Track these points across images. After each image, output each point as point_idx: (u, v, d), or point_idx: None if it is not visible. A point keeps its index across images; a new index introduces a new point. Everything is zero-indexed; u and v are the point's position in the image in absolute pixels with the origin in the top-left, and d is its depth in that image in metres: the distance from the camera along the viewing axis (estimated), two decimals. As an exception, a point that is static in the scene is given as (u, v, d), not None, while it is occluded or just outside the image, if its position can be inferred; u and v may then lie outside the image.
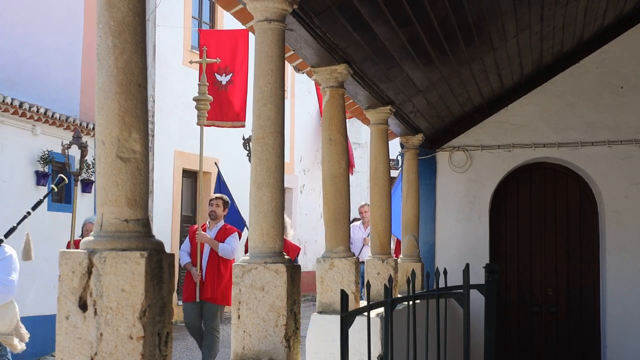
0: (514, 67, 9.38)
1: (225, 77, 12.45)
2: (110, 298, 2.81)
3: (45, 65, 15.04)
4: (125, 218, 2.93)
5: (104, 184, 2.95)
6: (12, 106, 12.28)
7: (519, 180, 10.84)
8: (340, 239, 6.25)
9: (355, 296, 6.22)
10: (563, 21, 8.51)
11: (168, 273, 2.96)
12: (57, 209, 13.82)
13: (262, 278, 4.44)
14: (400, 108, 8.33)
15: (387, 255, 7.80)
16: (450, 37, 7.15)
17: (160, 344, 2.90)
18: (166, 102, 16.82)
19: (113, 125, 2.96)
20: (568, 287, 10.62)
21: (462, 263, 5.89)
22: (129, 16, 2.99)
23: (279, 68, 4.62)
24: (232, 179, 18.57)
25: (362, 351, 5.17)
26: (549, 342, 10.61)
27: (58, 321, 2.87)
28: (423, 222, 10.21)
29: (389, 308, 4.67)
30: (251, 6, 4.61)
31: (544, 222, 10.74)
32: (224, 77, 12.45)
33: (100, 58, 3.00)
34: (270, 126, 4.57)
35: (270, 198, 4.53)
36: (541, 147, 10.44)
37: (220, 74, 12.45)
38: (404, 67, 7.34)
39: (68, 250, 2.88)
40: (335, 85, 6.22)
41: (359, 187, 23.90)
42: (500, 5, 6.94)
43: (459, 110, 10.04)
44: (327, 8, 5.36)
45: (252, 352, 4.44)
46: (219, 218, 11.32)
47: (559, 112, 10.40)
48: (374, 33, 6.16)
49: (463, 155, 10.66)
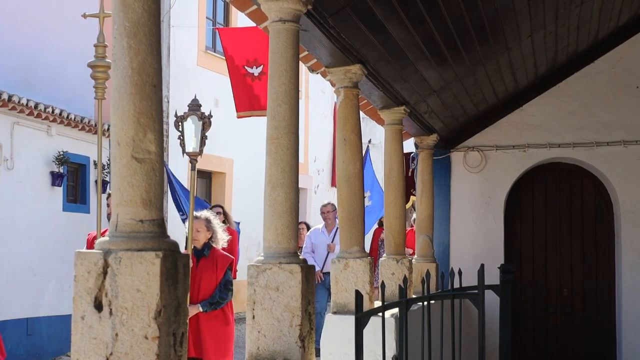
0: (529, 67, 9.35)
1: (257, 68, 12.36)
2: (125, 298, 2.82)
3: (60, 66, 15.08)
4: (141, 218, 2.93)
5: (119, 185, 2.96)
6: (27, 107, 12.32)
7: (534, 181, 10.80)
8: (355, 240, 6.25)
9: (370, 296, 6.21)
10: (578, 21, 8.48)
11: (183, 273, 2.96)
12: (72, 209, 13.87)
13: (277, 278, 4.44)
14: (414, 108, 8.32)
15: (402, 255, 7.79)
16: (465, 37, 7.13)
17: (176, 344, 2.91)
18: (181, 102, 16.83)
19: (128, 126, 2.96)
20: (583, 287, 10.58)
21: (477, 263, 5.87)
22: (143, 17, 3.00)
23: (293, 68, 4.63)
24: (246, 179, 18.62)
25: (377, 352, 5.17)
26: (564, 342, 10.57)
27: (74, 321, 2.88)
28: (437, 222, 10.20)
29: (404, 308, 4.66)
30: (265, 7, 4.62)
31: (559, 222, 10.70)
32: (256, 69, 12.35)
33: (115, 59, 3.00)
34: (284, 126, 4.57)
35: (285, 198, 4.54)
36: (556, 147, 10.40)
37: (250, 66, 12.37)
38: (418, 67, 7.33)
39: (84, 251, 2.89)
40: (349, 85, 6.22)
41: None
42: (514, 5, 6.92)
43: (473, 110, 10.02)
44: (341, 8, 5.36)
45: (267, 352, 4.44)
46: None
47: (574, 112, 10.36)
48: (388, 33, 6.16)
49: (478, 156, 10.63)
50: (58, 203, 13.48)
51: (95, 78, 8.39)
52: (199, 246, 8.02)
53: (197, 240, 8.01)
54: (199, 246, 8.02)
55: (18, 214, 12.41)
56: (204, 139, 8.54)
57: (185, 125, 8.47)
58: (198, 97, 15.51)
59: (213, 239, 8.11)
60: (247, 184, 18.69)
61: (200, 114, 8.44)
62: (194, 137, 8.58)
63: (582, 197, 10.68)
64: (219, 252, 8.15)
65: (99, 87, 8.34)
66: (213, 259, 8.04)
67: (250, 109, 12.03)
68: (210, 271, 7.97)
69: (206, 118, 8.47)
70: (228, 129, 18.51)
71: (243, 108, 12.04)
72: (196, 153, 8.61)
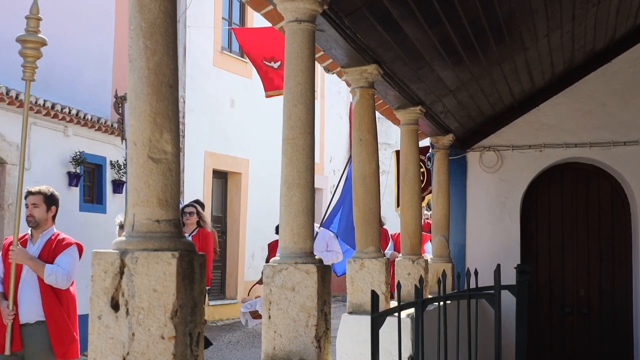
0: (545, 66, 9.32)
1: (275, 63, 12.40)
2: (142, 298, 2.82)
3: (77, 67, 15.15)
4: (157, 218, 2.94)
5: (135, 185, 2.97)
6: (44, 107, 12.38)
7: (550, 181, 10.77)
8: (371, 240, 6.25)
9: (386, 297, 6.21)
10: (595, 20, 8.45)
11: (199, 273, 2.97)
12: (88, 209, 13.93)
13: (293, 278, 4.44)
14: (430, 108, 8.31)
15: (418, 255, 7.78)
16: (481, 37, 7.12)
17: (192, 344, 2.91)
18: (197, 103, 16.89)
19: (145, 126, 2.97)
20: (600, 287, 10.54)
21: (493, 263, 5.86)
22: (160, 17, 3.01)
23: (309, 68, 4.63)
24: (263, 179, 18.64)
25: (393, 352, 5.17)
26: (581, 343, 10.53)
27: (90, 321, 2.89)
28: (453, 222, 10.18)
29: (420, 309, 4.66)
30: (281, 7, 4.62)
31: (575, 222, 10.66)
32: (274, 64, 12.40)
33: (132, 59, 3.01)
34: (300, 127, 4.58)
35: (301, 198, 4.54)
36: (573, 147, 10.36)
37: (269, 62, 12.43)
38: (434, 67, 7.32)
39: (100, 251, 2.90)
40: (365, 85, 6.22)
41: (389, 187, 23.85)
42: (531, 5, 6.90)
43: (489, 110, 9.99)
44: (357, 8, 5.36)
45: (283, 352, 4.44)
46: (42, 224, 7.33)
47: (590, 111, 10.32)
48: (404, 33, 6.15)
49: (494, 156, 10.61)
50: (75, 203, 13.54)
51: (25, 56, 6.92)
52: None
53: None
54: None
55: (35, 214, 12.46)
56: None
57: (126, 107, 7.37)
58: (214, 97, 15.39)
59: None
60: (263, 184, 18.72)
61: None
62: None
63: (598, 197, 10.64)
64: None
65: (27, 67, 6.97)
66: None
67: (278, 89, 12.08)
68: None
69: None
70: (244, 129, 18.56)
71: (271, 88, 12.16)
72: None
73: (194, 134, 16.75)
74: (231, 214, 18.81)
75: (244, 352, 13.84)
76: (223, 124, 17.89)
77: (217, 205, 18.50)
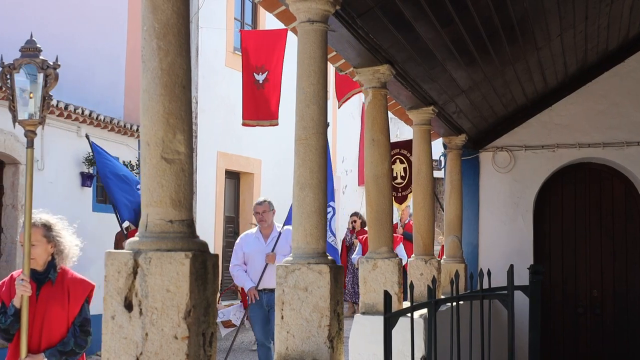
0: (558, 66, 9.29)
1: (262, 75, 12.48)
2: (155, 298, 2.83)
3: (90, 68, 15.19)
4: (170, 219, 2.95)
5: (148, 185, 2.97)
6: (57, 108, 12.41)
7: (564, 181, 10.74)
8: (384, 240, 6.24)
9: (399, 297, 6.20)
10: (608, 20, 8.42)
11: (212, 273, 2.97)
12: (101, 209, 13.95)
13: (306, 279, 4.44)
14: (443, 108, 8.29)
15: (430, 256, 7.77)
16: (494, 37, 7.11)
17: (205, 344, 2.92)
18: (209, 103, 16.90)
19: (158, 126, 2.98)
20: (614, 288, 10.50)
21: (506, 264, 5.85)
22: (173, 18, 3.01)
23: (321, 69, 4.63)
24: (274, 180, 18.64)
25: (405, 352, 5.16)
26: (594, 343, 10.50)
27: (104, 321, 2.90)
28: (466, 222, 10.16)
29: (433, 309, 4.65)
30: (294, 7, 4.62)
31: (588, 222, 10.63)
32: (261, 76, 12.48)
33: (145, 60, 3.02)
34: (313, 127, 4.58)
35: (313, 199, 4.54)
36: (586, 147, 10.33)
37: (258, 72, 12.50)
38: (446, 67, 7.31)
39: (114, 251, 2.91)
40: (377, 85, 6.21)
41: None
42: (544, 4, 6.88)
43: (502, 110, 9.97)
44: (369, 9, 5.36)
45: (296, 352, 4.44)
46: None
47: (604, 111, 10.29)
48: (416, 33, 6.14)
49: (506, 156, 10.59)
50: (88, 203, 13.57)
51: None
52: (38, 267, 5.44)
53: (34, 259, 5.39)
54: (39, 267, 5.44)
55: (48, 215, 12.50)
56: (46, 100, 5.53)
57: (16, 78, 5.43)
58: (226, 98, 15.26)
59: (58, 255, 5.54)
60: (276, 184, 18.71)
61: (41, 61, 5.49)
62: (30, 98, 5.51)
63: (612, 198, 10.60)
64: (72, 276, 5.61)
65: None
66: (63, 287, 5.52)
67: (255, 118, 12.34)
68: (59, 304, 5.47)
69: (50, 68, 5.53)
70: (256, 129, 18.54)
71: (249, 117, 12.39)
72: (34, 122, 5.51)
73: (206, 134, 16.75)
74: (243, 214, 18.79)
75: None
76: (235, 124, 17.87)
77: (230, 205, 18.50)
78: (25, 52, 5.48)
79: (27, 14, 14.91)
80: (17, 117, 5.46)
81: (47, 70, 5.47)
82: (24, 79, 5.46)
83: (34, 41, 5.53)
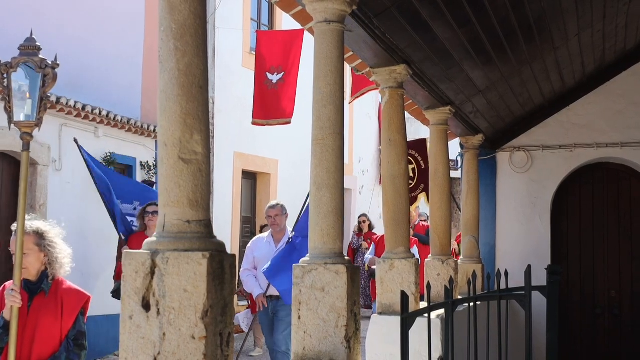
0: (576, 66, 9.26)
1: (277, 75, 12.48)
2: (172, 298, 2.84)
3: (107, 68, 15.25)
4: (188, 219, 2.96)
5: (166, 186, 2.98)
6: (75, 109, 12.46)
7: (581, 181, 10.69)
8: (401, 240, 6.24)
9: (415, 297, 6.20)
10: (626, 19, 8.38)
11: (230, 274, 2.98)
12: (119, 210, 13.99)
13: (323, 279, 4.44)
14: (460, 108, 8.28)
15: (447, 256, 7.76)
16: (511, 37, 7.09)
17: (222, 344, 2.92)
18: (226, 103, 16.93)
19: (175, 127, 2.98)
20: (632, 288, 10.45)
21: (523, 264, 5.83)
22: (190, 19, 3.02)
23: (338, 69, 4.63)
24: (291, 180, 18.65)
25: (423, 353, 5.15)
26: (612, 344, 10.45)
27: (122, 321, 2.91)
28: (483, 223, 10.14)
29: (450, 309, 4.64)
30: (310, 8, 4.62)
31: (606, 223, 10.58)
32: (275, 76, 12.48)
33: (162, 61, 3.03)
34: (330, 127, 4.58)
35: (330, 199, 4.54)
36: (604, 147, 10.29)
37: (272, 72, 12.51)
38: (463, 67, 7.30)
39: (132, 251, 2.92)
40: (394, 85, 6.21)
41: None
42: (561, 4, 6.86)
43: (519, 110, 9.94)
44: (386, 9, 5.35)
45: (313, 352, 4.45)
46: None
47: (622, 111, 10.24)
48: (433, 33, 6.13)
49: (524, 156, 10.56)
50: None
51: None
52: (31, 277, 5.18)
53: (25, 268, 5.11)
54: (32, 277, 5.19)
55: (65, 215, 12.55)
56: (44, 101, 5.30)
57: (14, 78, 5.25)
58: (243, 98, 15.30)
59: (51, 265, 5.27)
60: (292, 184, 18.72)
61: (40, 60, 5.23)
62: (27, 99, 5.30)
63: (630, 198, 10.55)
64: (66, 287, 5.30)
65: None
66: (56, 298, 5.21)
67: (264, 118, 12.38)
68: (52, 316, 5.16)
69: (49, 68, 5.23)
70: (273, 129, 18.55)
71: (258, 116, 12.42)
72: (30, 124, 5.31)
73: (223, 134, 16.78)
74: (260, 214, 18.78)
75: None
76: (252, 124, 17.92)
77: (246, 206, 18.53)
78: (24, 50, 5.24)
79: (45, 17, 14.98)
80: (12, 118, 5.25)
81: (45, 70, 5.20)
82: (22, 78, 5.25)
83: (33, 39, 5.26)
